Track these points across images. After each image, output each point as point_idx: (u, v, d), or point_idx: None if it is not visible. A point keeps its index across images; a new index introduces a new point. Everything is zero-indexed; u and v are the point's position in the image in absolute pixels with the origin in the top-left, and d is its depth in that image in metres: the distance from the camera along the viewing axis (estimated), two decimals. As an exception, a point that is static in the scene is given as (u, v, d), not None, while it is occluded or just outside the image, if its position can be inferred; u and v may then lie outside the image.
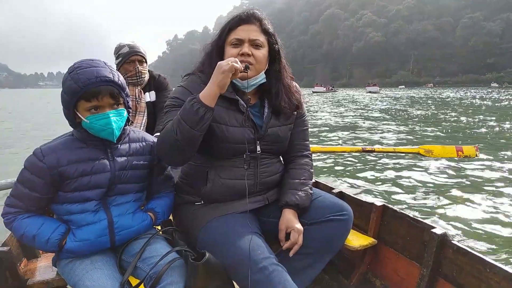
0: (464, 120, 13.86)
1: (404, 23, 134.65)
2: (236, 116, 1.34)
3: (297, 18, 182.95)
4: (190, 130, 1.15)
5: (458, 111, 17.77)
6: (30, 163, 1.14)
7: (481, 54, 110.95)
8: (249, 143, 1.34)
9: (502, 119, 13.72)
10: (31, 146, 7.01)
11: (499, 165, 6.03)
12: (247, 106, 1.34)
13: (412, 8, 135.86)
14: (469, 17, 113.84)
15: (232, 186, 1.34)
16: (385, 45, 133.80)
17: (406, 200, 4.31)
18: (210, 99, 1.17)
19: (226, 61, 1.17)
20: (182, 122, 1.16)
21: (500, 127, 11.49)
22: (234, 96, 1.33)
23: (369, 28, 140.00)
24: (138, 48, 2.16)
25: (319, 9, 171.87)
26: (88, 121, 1.14)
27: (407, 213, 1.66)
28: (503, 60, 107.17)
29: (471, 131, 10.68)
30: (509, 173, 5.52)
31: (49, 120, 16.34)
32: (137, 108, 2.19)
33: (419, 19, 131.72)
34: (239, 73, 1.21)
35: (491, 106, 21.53)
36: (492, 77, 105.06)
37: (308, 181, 1.45)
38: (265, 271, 1.12)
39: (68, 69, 1.14)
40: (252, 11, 1.36)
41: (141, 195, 1.35)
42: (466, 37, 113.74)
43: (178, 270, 1.16)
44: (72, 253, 1.17)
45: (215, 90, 1.17)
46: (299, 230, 1.30)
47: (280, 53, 1.42)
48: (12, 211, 1.17)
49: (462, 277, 1.36)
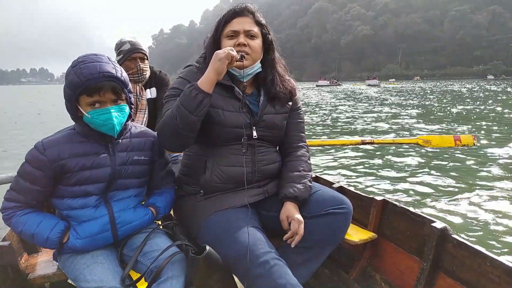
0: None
1: (392, 16, 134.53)
2: (233, 103, 1.39)
3: (285, 12, 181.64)
4: (189, 115, 1.20)
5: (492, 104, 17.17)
6: (32, 156, 1.14)
7: (468, 46, 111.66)
8: (246, 128, 1.38)
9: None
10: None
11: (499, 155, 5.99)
12: (243, 93, 1.40)
13: (400, 1, 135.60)
14: (457, 10, 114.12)
15: (231, 173, 1.36)
16: (373, 39, 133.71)
17: (406, 194, 4.25)
18: (208, 85, 1.22)
19: (223, 50, 1.24)
20: (181, 107, 1.21)
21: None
22: (230, 83, 1.39)
23: (357, 22, 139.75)
24: (140, 45, 2.13)
25: (308, 2, 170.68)
26: (89, 115, 1.14)
27: (407, 207, 1.67)
28: (490, 53, 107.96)
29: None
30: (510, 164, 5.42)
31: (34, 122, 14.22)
32: (138, 106, 2.16)
33: (407, 12, 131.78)
34: (235, 61, 1.27)
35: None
36: (480, 70, 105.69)
37: (306, 173, 1.47)
38: (265, 265, 1.13)
39: (72, 63, 1.15)
40: (245, 4, 1.43)
41: (142, 190, 1.36)
42: (454, 30, 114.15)
43: (178, 264, 1.17)
44: (76, 250, 1.18)
45: (212, 77, 1.23)
46: (300, 220, 1.31)
47: (273, 42, 1.48)
48: (11, 205, 1.17)
49: (462, 271, 1.37)
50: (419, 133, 8.64)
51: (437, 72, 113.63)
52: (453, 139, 2.74)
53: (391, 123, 11.07)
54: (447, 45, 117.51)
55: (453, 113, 13.42)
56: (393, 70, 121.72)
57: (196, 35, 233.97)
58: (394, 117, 12.70)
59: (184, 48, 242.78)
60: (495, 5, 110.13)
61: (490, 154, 6.22)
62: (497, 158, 5.93)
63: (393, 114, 13.80)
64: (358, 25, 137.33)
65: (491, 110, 13.93)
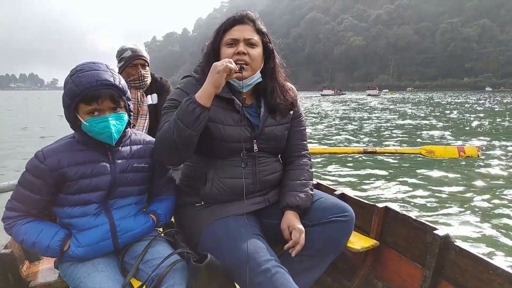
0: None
1: (384, 27, 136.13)
2: (233, 116, 1.36)
3: (278, 21, 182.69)
4: (186, 129, 1.17)
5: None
6: (32, 165, 1.15)
7: (459, 58, 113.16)
8: (246, 141, 1.36)
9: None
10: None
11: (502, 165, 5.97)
12: (242, 105, 1.36)
13: (392, 12, 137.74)
14: (448, 23, 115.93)
15: (231, 185, 1.35)
16: (365, 49, 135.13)
17: (408, 202, 4.22)
18: (206, 99, 1.19)
19: (221, 62, 1.20)
20: (178, 121, 1.18)
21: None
22: (230, 96, 1.36)
23: (350, 32, 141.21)
24: (141, 52, 2.17)
25: (301, 12, 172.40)
26: (87, 124, 1.14)
27: (409, 215, 1.67)
28: (480, 65, 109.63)
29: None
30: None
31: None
32: (139, 111, 2.19)
33: (399, 23, 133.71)
34: (234, 73, 1.24)
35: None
36: (470, 81, 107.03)
37: (308, 181, 1.46)
38: (267, 273, 1.12)
39: (70, 72, 1.15)
40: (245, 12, 1.40)
41: (142, 198, 1.35)
42: (445, 42, 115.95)
43: (180, 272, 1.16)
44: (76, 258, 1.18)
45: (210, 90, 1.19)
46: (301, 229, 1.30)
47: (274, 52, 1.45)
48: (12, 215, 1.17)
49: (465, 279, 1.36)
50: (424, 143, 8.70)
51: (429, 84, 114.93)
52: (457, 150, 2.72)
53: (402, 132, 11.16)
54: (438, 57, 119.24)
55: (471, 126, 13.20)
56: (385, 80, 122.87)
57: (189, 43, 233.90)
58: (405, 126, 12.77)
59: (177, 56, 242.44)
60: (484, 19, 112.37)
61: (494, 164, 6.20)
62: (501, 167, 5.90)
63: (405, 123, 13.88)
64: (350, 35, 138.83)
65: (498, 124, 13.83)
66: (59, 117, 15.66)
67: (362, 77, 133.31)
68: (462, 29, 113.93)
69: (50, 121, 16.10)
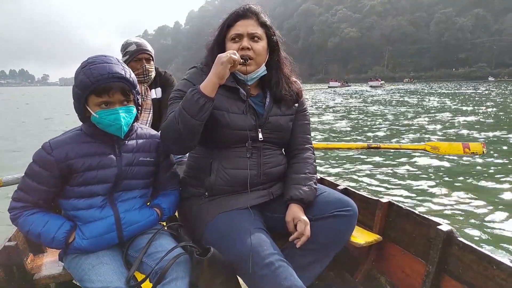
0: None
1: (379, 18, 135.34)
2: (238, 104, 1.38)
3: (271, 13, 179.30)
4: (191, 119, 1.20)
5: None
6: (39, 156, 1.16)
7: (453, 49, 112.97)
8: (251, 130, 1.38)
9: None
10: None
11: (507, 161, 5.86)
12: (247, 96, 1.38)
13: (386, 3, 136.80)
14: (442, 13, 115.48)
15: (236, 176, 1.36)
16: (360, 41, 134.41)
17: (411, 197, 4.21)
18: (210, 89, 1.22)
19: (225, 54, 1.23)
20: (183, 111, 1.21)
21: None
22: (235, 85, 1.38)
23: (344, 24, 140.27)
24: (146, 46, 2.18)
25: (294, 4, 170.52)
26: (97, 115, 1.15)
27: (413, 210, 1.67)
28: (474, 55, 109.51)
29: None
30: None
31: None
32: (143, 105, 2.22)
33: (393, 14, 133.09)
34: (238, 65, 1.26)
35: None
36: (466, 72, 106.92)
37: (312, 175, 1.46)
38: (270, 266, 1.13)
39: (82, 64, 1.17)
40: (248, 6, 1.41)
41: (147, 191, 1.36)
42: (439, 33, 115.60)
43: (183, 265, 1.17)
44: (81, 250, 1.19)
45: (214, 81, 1.22)
46: (306, 221, 1.31)
47: (279, 44, 1.47)
48: (18, 205, 1.18)
49: (468, 274, 1.36)
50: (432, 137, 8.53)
51: (423, 74, 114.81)
52: (461, 147, 2.71)
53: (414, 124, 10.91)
54: (432, 48, 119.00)
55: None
56: (379, 72, 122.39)
57: (181, 36, 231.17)
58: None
59: (170, 49, 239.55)
60: (478, 8, 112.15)
61: (499, 159, 6.10)
62: (506, 163, 5.81)
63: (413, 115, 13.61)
64: (345, 27, 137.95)
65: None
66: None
67: (357, 69, 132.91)
68: (457, 19, 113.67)
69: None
